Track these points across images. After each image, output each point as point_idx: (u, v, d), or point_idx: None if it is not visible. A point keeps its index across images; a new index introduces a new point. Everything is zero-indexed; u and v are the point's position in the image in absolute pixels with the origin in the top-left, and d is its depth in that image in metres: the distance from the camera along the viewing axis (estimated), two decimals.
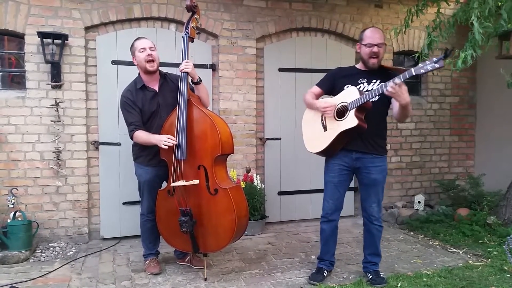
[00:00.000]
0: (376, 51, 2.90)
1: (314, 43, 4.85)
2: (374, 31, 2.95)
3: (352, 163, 3.01)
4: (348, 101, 2.87)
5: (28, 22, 3.88)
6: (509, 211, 4.32)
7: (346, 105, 2.88)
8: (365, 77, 2.99)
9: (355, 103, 2.81)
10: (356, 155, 2.99)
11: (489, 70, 5.24)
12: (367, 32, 2.96)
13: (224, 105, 4.51)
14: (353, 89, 2.90)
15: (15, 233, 3.59)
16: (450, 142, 5.54)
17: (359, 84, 2.98)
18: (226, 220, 2.97)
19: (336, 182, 3.05)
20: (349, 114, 2.85)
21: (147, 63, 3.10)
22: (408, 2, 4.68)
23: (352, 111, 2.83)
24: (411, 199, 5.23)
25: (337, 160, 3.04)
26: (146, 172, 3.23)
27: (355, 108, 2.82)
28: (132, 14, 4.18)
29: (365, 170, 3.00)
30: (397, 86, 2.63)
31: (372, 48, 2.89)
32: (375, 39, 2.89)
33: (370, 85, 2.96)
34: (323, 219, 3.13)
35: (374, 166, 2.99)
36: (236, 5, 4.52)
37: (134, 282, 3.14)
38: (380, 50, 2.91)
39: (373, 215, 3.04)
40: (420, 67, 2.63)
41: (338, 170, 3.04)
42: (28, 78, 3.92)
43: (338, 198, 3.08)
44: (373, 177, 3.00)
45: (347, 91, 2.93)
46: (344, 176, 3.06)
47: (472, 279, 3.12)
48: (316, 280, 3.07)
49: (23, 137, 3.91)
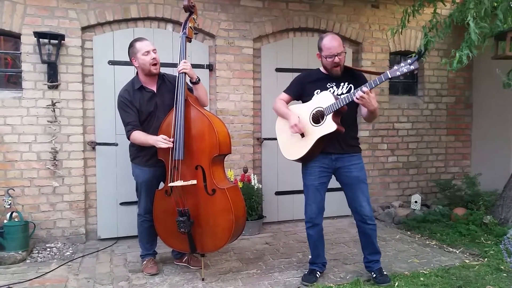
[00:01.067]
0: (337, 61, 2.90)
1: (311, 43, 4.85)
2: (332, 40, 2.89)
3: (332, 164, 3.02)
4: (324, 106, 2.87)
5: (24, 22, 3.87)
6: (506, 210, 4.33)
7: (322, 110, 2.88)
8: (333, 81, 3.00)
9: (332, 107, 2.83)
10: (335, 156, 3.01)
11: (485, 70, 5.26)
12: (325, 42, 2.90)
13: (221, 105, 4.51)
14: (327, 93, 2.92)
15: (12, 234, 3.58)
16: (447, 142, 5.55)
17: (328, 88, 2.99)
18: (223, 220, 2.97)
19: (317, 185, 3.04)
20: (326, 119, 2.86)
21: (152, 66, 3.11)
22: (405, 3, 4.69)
23: (329, 116, 2.84)
24: (408, 198, 5.25)
25: (316, 163, 3.03)
26: (143, 172, 3.22)
27: (332, 112, 2.83)
28: (129, 14, 4.17)
29: (345, 169, 3.01)
30: (365, 94, 2.70)
31: (333, 59, 2.89)
32: (334, 49, 2.87)
33: (339, 88, 2.99)
34: (308, 225, 3.11)
35: (353, 164, 3.01)
36: (233, 5, 4.52)
37: (132, 282, 3.13)
38: (341, 58, 2.91)
39: (366, 215, 3.01)
40: (396, 70, 2.68)
41: (318, 172, 3.03)
42: (25, 78, 3.91)
43: (320, 201, 3.07)
44: (355, 175, 3.00)
45: (321, 96, 2.93)
46: (324, 179, 3.06)
47: (469, 278, 3.12)
48: (309, 281, 3.06)
49: (19, 138, 3.90)
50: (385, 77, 2.71)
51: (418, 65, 2.66)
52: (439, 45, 5.14)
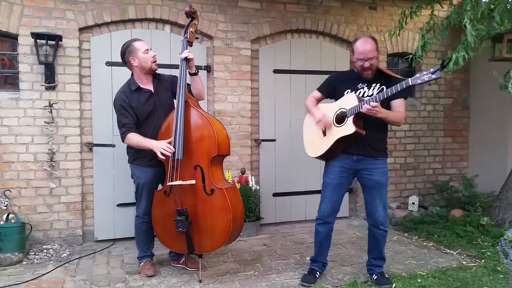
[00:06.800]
0: (367, 66, 2.89)
1: (308, 45, 4.86)
2: (365, 43, 2.88)
3: (353, 165, 3.00)
4: (347, 107, 2.88)
5: (21, 23, 3.85)
6: (503, 212, 4.35)
7: (345, 112, 2.89)
8: (365, 82, 2.99)
9: (353, 110, 2.83)
10: (357, 157, 2.98)
11: (482, 72, 5.28)
12: (358, 45, 2.90)
13: (219, 106, 4.51)
14: (352, 95, 2.91)
15: (8, 235, 3.56)
16: (444, 143, 5.57)
17: (359, 89, 2.98)
18: (221, 220, 2.97)
19: (336, 184, 3.04)
20: (347, 121, 2.86)
21: (153, 64, 3.17)
22: (402, 4, 4.71)
23: (350, 118, 2.85)
24: (405, 200, 5.25)
25: (338, 162, 3.03)
26: (145, 173, 3.22)
27: (353, 115, 2.83)
28: (127, 15, 4.17)
29: (367, 172, 2.99)
30: (372, 107, 2.71)
31: (363, 63, 2.89)
32: (366, 54, 2.86)
33: (370, 89, 2.97)
34: (319, 221, 3.11)
35: (376, 168, 2.98)
36: (231, 6, 4.52)
37: (129, 284, 3.12)
38: (373, 63, 2.89)
39: (379, 220, 3.00)
40: (417, 77, 2.69)
41: (338, 172, 3.03)
42: (22, 79, 3.89)
43: (336, 200, 3.06)
44: (376, 179, 2.98)
45: (346, 98, 2.94)
46: (344, 179, 3.04)
47: (466, 280, 3.13)
48: (309, 281, 3.06)
49: (16, 139, 3.88)
50: (406, 84, 2.70)
51: (440, 75, 2.65)
52: (437, 47, 5.16)
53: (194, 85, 3.23)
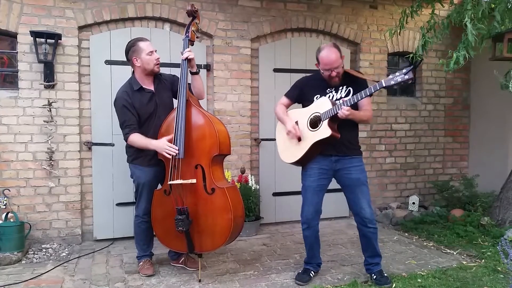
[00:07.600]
0: (333, 75, 2.91)
1: (309, 44, 4.85)
2: (329, 54, 2.88)
3: (332, 166, 3.02)
4: (321, 111, 2.90)
5: (21, 21, 3.84)
6: (503, 212, 4.33)
7: (319, 116, 2.91)
8: (332, 86, 3.02)
9: (328, 113, 2.85)
10: (335, 158, 3.01)
11: (483, 71, 5.27)
12: (323, 56, 2.89)
13: (218, 105, 4.49)
14: (325, 99, 2.94)
15: (7, 235, 3.55)
16: (444, 143, 5.56)
17: (328, 93, 3.02)
18: (222, 220, 2.96)
19: (316, 187, 3.04)
20: (322, 125, 2.89)
21: (155, 66, 3.17)
22: (403, 3, 4.69)
23: (325, 122, 2.87)
24: (406, 200, 5.25)
25: (316, 164, 3.03)
26: (145, 173, 3.20)
27: (328, 118, 2.85)
28: (126, 14, 4.15)
29: (346, 171, 3.01)
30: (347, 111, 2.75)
31: (330, 73, 2.90)
32: (331, 64, 2.87)
33: (338, 93, 3.01)
34: (304, 226, 3.11)
35: (353, 166, 3.01)
36: (231, 5, 4.51)
37: (128, 284, 3.12)
38: (339, 71, 2.92)
39: (366, 217, 3.01)
40: (391, 78, 2.72)
41: (318, 174, 3.03)
42: (21, 78, 3.88)
43: (318, 202, 3.07)
44: (355, 177, 3.00)
45: (319, 102, 2.96)
46: (323, 180, 3.06)
47: (466, 279, 3.12)
48: (303, 280, 3.07)
49: (15, 138, 3.87)
50: (380, 85, 2.74)
51: (412, 75, 2.67)
52: (437, 46, 5.15)
53: (195, 84, 3.23)
